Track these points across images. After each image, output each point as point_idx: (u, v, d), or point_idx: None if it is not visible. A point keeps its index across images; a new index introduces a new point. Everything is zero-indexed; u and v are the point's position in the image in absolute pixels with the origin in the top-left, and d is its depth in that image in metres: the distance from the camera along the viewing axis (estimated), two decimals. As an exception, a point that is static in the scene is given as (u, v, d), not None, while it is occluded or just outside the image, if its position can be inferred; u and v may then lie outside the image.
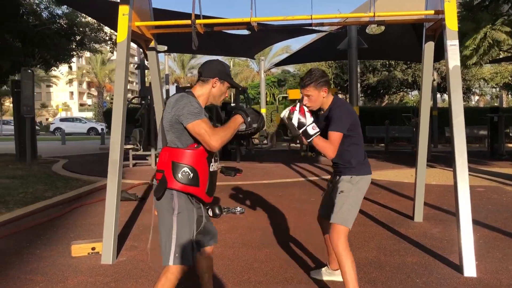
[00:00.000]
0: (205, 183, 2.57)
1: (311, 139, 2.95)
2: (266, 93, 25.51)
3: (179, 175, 2.49)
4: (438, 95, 26.81)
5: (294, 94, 16.64)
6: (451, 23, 4.14)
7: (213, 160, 2.62)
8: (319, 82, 3.02)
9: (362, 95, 30.53)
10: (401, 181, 8.61)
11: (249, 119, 2.61)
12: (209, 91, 2.65)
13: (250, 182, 8.62)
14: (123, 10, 4.42)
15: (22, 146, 12.59)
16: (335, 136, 2.93)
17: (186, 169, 2.49)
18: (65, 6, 12.10)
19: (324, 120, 3.11)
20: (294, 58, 15.93)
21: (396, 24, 9.27)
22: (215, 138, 2.45)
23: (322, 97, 3.06)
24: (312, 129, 2.94)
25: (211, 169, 2.61)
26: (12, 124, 17.17)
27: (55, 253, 4.31)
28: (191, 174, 2.50)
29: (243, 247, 4.48)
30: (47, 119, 58.31)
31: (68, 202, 6.82)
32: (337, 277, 3.41)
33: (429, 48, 5.09)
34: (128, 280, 3.61)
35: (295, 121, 2.95)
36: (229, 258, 4.14)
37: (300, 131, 2.96)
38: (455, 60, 4.11)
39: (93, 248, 4.26)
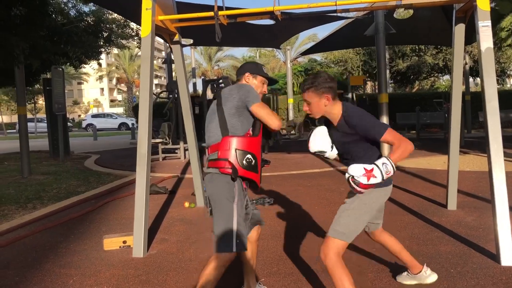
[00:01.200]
0: (259, 170, 2.77)
1: (392, 168, 2.47)
2: (293, 83, 25.35)
3: (244, 161, 2.63)
4: (471, 79, 26.05)
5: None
6: (483, 3, 3.97)
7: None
8: (321, 87, 2.63)
9: (392, 81, 29.98)
10: (433, 169, 8.41)
11: (293, 124, 2.81)
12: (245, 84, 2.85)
13: (278, 173, 8.59)
14: (146, 5, 4.43)
15: (55, 143, 12.93)
16: (389, 134, 2.50)
17: (249, 156, 2.65)
18: (92, 3, 12.27)
19: (339, 130, 2.71)
20: (321, 46, 15.70)
21: (425, 7, 9.00)
22: (278, 118, 2.76)
23: (323, 105, 2.65)
24: (387, 174, 2.45)
25: (262, 156, 2.85)
26: (46, 121, 17.65)
27: (88, 247, 4.40)
28: (253, 161, 2.67)
29: (272, 238, 4.46)
30: (79, 116, 59.70)
31: (100, 196, 6.96)
32: (420, 280, 3.14)
33: (459, 30, 4.91)
34: (159, 273, 3.64)
35: (377, 179, 2.45)
36: (258, 249, 4.11)
37: (385, 175, 2.45)
38: (488, 41, 3.95)
39: (124, 242, 4.32)
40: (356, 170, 2.41)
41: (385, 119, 8.22)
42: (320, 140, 2.79)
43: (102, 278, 3.57)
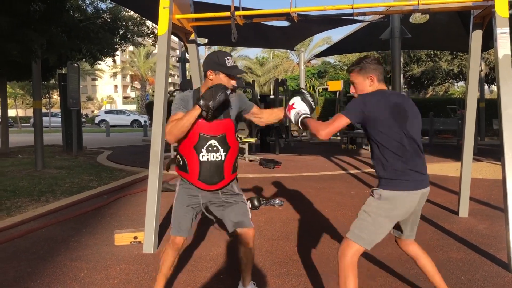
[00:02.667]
0: (196, 171, 2.76)
1: (298, 120, 2.73)
2: (306, 85, 25.32)
3: (176, 161, 2.88)
4: (486, 86, 25.77)
5: (334, 85, 16.44)
6: (502, 9, 3.95)
7: (204, 150, 2.73)
8: (365, 68, 2.63)
9: (406, 86, 29.76)
10: (445, 175, 8.35)
11: (202, 102, 2.60)
12: (210, 83, 2.75)
13: (289, 175, 8.59)
14: (164, 3, 4.46)
15: (68, 138, 13.07)
16: (335, 116, 2.57)
17: (179, 156, 2.84)
18: (109, 0, 12.40)
19: None
20: (335, 49, 15.67)
21: (442, 12, 8.94)
22: (168, 132, 2.70)
23: (368, 86, 2.64)
24: (297, 114, 2.75)
25: (202, 159, 2.74)
26: (60, 116, 17.83)
27: (99, 242, 4.45)
28: (181, 161, 2.82)
29: (282, 239, 4.47)
30: (92, 112, 60.19)
31: (112, 192, 7.02)
32: None
33: (476, 36, 4.88)
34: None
35: (292, 117, 2.80)
36: (267, 250, 4.14)
37: (293, 120, 2.78)
38: (505, 48, 3.92)
39: (135, 237, 4.36)
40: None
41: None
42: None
43: (112, 273, 3.61)
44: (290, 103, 2.82)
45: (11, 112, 37.69)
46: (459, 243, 4.28)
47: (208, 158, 2.74)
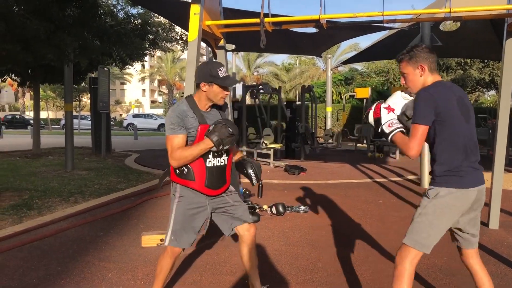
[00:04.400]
0: (203, 178, 2.74)
1: (389, 137, 2.49)
2: (332, 92, 25.19)
3: (177, 170, 2.77)
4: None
5: (361, 92, 16.30)
6: (537, 18, 3.86)
7: (210, 155, 2.74)
8: (415, 56, 2.47)
9: (434, 94, 29.28)
10: (475, 186, 8.16)
11: (217, 142, 2.64)
12: (204, 94, 2.75)
13: (314, 182, 8.56)
14: (195, 10, 4.53)
15: (97, 140, 13.35)
16: (413, 129, 2.36)
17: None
18: (139, 6, 12.62)
19: None
20: (363, 55, 15.52)
21: (473, 20, 8.79)
22: (175, 158, 2.67)
23: (419, 76, 2.48)
24: (388, 126, 2.49)
25: (208, 165, 2.75)
26: (89, 119, 18.20)
27: (126, 243, 4.52)
28: (185, 170, 2.73)
29: (306, 246, 4.45)
30: (120, 115, 61.23)
31: (139, 194, 7.13)
32: None
33: (510, 45, 4.78)
34: (194, 272, 3.71)
35: (371, 121, 2.59)
36: (292, 256, 4.14)
37: (379, 130, 2.55)
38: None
39: (161, 240, 4.41)
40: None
41: (426, 133, 8.06)
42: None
43: (139, 274, 3.67)
44: (389, 103, 2.56)
45: (42, 114, 38.70)
46: (489, 255, 4.18)
47: (214, 164, 2.77)
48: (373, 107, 2.60)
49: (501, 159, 5.03)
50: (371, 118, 2.60)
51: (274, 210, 5.75)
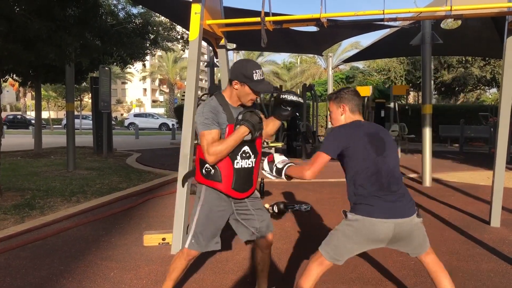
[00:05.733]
0: (230, 180, 2.67)
1: (283, 171, 2.73)
2: (334, 90, 25.15)
3: (203, 171, 2.71)
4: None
5: (363, 91, 16.26)
6: (538, 15, 3.86)
7: (239, 157, 2.68)
8: (339, 98, 2.68)
9: (436, 92, 29.29)
10: (476, 184, 8.17)
11: (252, 127, 2.61)
12: (234, 92, 2.69)
13: (315, 180, 8.56)
14: (195, 9, 4.53)
15: (99, 140, 13.36)
16: (315, 155, 2.55)
17: (208, 166, 2.67)
18: (140, 6, 12.63)
19: None
20: (364, 54, 15.52)
21: (475, 18, 8.77)
22: (211, 153, 2.57)
23: (340, 115, 2.68)
24: (281, 162, 2.76)
25: (236, 166, 2.68)
26: (90, 118, 18.20)
27: (128, 242, 4.54)
28: (213, 171, 2.67)
29: (308, 245, 4.46)
30: (122, 115, 61.28)
31: (141, 193, 7.14)
32: None
33: (511, 43, 4.78)
34: (196, 270, 3.72)
35: (266, 167, 2.82)
36: (294, 255, 4.15)
37: (274, 174, 2.79)
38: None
39: (163, 239, 4.43)
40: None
41: (428, 131, 8.05)
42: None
43: (141, 273, 3.68)
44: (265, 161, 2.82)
45: (44, 114, 38.71)
46: (491, 253, 4.19)
47: (242, 165, 2.69)
48: (265, 159, 2.82)
49: (503, 157, 5.03)
50: (265, 163, 2.81)
51: (275, 209, 5.75)
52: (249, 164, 2.73)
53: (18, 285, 3.40)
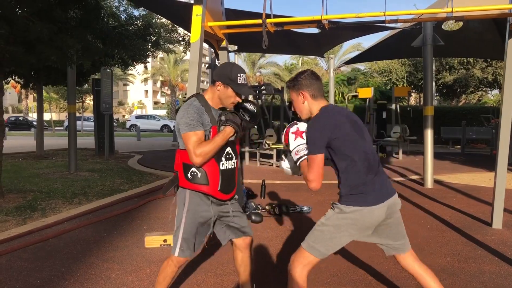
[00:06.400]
0: (216, 182, 2.66)
1: (297, 163, 2.52)
2: (335, 92, 25.16)
3: (189, 175, 2.65)
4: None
5: (364, 92, 16.28)
6: (539, 17, 3.86)
7: (223, 158, 2.68)
8: (297, 85, 2.53)
9: (438, 94, 29.27)
10: (478, 185, 8.16)
11: (237, 127, 2.62)
12: (216, 94, 2.69)
13: (317, 182, 8.54)
14: (197, 11, 4.55)
15: (101, 141, 13.39)
16: (310, 160, 2.40)
17: (194, 169, 2.63)
18: (142, 8, 12.66)
19: None
20: (365, 56, 15.51)
21: (476, 20, 8.77)
22: (198, 154, 2.54)
23: (301, 103, 2.55)
24: (295, 154, 2.51)
25: (222, 168, 2.68)
26: (92, 120, 18.19)
27: (130, 243, 4.54)
28: (199, 174, 2.63)
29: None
30: (123, 116, 61.37)
31: (142, 195, 7.15)
32: None
33: (512, 44, 4.78)
34: (197, 272, 3.72)
35: (285, 146, 2.61)
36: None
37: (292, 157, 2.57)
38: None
39: (165, 240, 4.44)
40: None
41: (429, 133, 8.04)
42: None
43: (143, 274, 3.68)
44: (299, 126, 2.54)
45: (46, 116, 38.80)
46: (492, 255, 4.18)
47: (226, 166, 2.71)
48: (284, 131, 2.61)
49: (504, 158, 5.03)
50: (284, 143, 2.62)
51: (277, 211, 5.76)
52: (232, 165, 2.75)
53: (20, 287, 3.41)
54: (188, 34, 13.77)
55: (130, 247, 4.44)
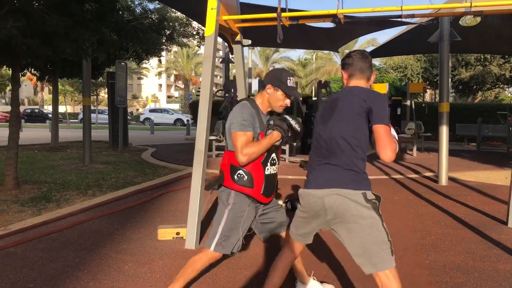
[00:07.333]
0: (260, 185, 2.77)
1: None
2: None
3: (235, 177, 2.75)
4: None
5: (378, 88, 16.14)
6: (560, 12, 3.77)
7: (269, 164, 2.78)
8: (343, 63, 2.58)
9: (453, 91, 28.93)
10: (493, 183, 8.05)
11: (287, 133, 2.70)
12: (266, 97, 2.79)
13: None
14: (212, 4, 4.53)
15: (115, 134, 13.48)
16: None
17: (241, 172, 2.73)
18: (157, 1, 12.70)
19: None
20: (380, 51, 15.40)
21: (495, 15, 8.64)
22: (244, 153, 2.63)
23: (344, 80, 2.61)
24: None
25: (266, 173, 2.78)
26: (106, 113, 18.32)
27: (143, 236, 4.57)
28: (246, 177, 2.73)
29: (320, 242, 4.44)
30: (137, 110, 61.81)
31: (155, 188, 7.19)
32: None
33: (532, 40, 4.69)
34: (210, 266, 3.70)
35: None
36: (304, 253, 4.13)
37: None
38: None
39: (177, 233, 4.46)
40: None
41: (444, 129, 7.94)
42: None
43: (155, 267, 3.70)
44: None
45: (61, 108, 39.23)
46: (508, 254, 4.12)
47: (270, 172, 2.80)
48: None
49: (521, 156, 4.94)
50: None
51: (289, 206, 5.75)
52: (274, 171, 2.85)
53: (35, 276, 3.45)
54: (203, 28, 13.77)
55: (143, 239, 4.47)
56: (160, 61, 19.06)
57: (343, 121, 2.31)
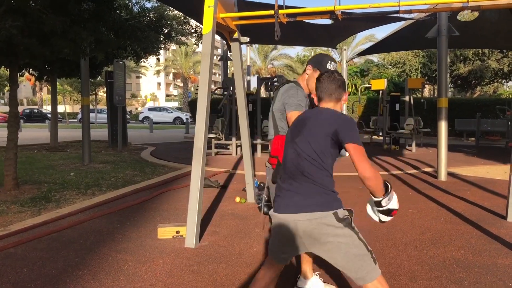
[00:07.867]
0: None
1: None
2: (348, 84, 24.99)
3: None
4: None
5: (377, 84, 16.15)
6: (558, 6, 3.77)
7: None
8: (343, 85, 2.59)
9: (452, 86, 28.93)
10: (493, 178, 8.06)
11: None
12: (305, 78, 2.95)
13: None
14: (209, 2, 4.53)
15: (114, 134, 13.48)
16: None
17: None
18: (154, 0, 12.69)
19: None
20: (379, 47, 15.36)
21: (492, 10, 8.62)
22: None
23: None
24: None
25: None
26: (105, 112, 18.31)
27: (142, 235, 4.57)
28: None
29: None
30: (136, 109, 61.74)
31: (155, 187, 7.19)
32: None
33: (530, 34, 4.68)
34: (210, 264, 3.73)
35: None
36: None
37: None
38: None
39: (177, 232, 4.46)
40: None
41: (443, 125, 7.95)
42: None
43: (155, 265, 3.71)
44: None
45: (60, 108, 39.19)
46: (507, 248, 4.13)
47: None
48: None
49: (520, 151, 4.95)
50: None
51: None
52: None
53: (35, 277, 3.46)
54: (200, 26, 13.74)
55: (142, 238, 4.47)
56: (158, 59, 19.04)
57: (310, 141, 2.30)
